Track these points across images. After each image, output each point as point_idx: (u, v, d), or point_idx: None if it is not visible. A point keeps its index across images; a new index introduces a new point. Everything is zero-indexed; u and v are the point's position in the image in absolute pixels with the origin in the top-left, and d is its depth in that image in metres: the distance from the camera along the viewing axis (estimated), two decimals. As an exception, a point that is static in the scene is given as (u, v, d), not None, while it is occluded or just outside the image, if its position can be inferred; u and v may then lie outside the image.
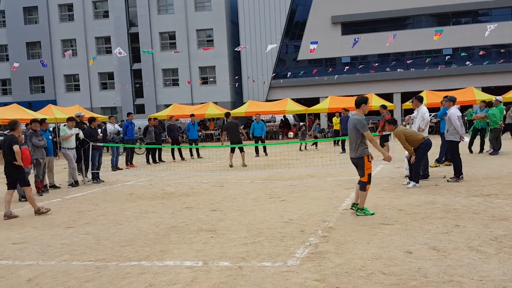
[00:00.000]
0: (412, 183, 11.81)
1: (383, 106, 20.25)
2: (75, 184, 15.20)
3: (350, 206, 9.31)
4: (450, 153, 12.70)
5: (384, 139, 17.86)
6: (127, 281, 5.86)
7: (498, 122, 17.85)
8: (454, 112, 12.40)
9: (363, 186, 8.83)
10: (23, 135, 13.34)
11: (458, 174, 12.29)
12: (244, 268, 6.11)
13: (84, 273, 6.27)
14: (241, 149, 19.49)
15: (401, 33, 46.22)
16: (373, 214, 8.86)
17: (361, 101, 9.09)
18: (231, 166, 19.01)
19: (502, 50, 45.77)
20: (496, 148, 18.39)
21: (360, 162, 8.85)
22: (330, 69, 50.98)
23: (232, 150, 19.40)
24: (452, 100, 12.89)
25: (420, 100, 13.25)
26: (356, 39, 29.58)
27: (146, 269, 6.30)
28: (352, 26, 50.17)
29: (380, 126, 20.55)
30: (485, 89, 42.29)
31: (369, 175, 8.89)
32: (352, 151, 8.97)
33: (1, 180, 13.43)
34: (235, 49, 42.68)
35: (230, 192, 12.57)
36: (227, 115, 21.58)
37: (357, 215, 8.85)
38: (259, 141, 24.21)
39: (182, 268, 6.28)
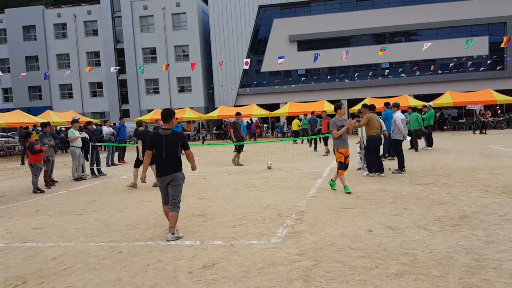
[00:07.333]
0: (366, 171, 12.24)
1: (324, 112, 21.23)
2: (78, 178, 15.04)
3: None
4: (395, 149, 13.03)
5: (325, 141, 19.60)
6: (139, 258, 5.90)
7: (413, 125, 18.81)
8: (398, 115, 12.75)
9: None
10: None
11: (401, 166, 12.63)
12: (236, 246, 6.22)
13: (100, 252, 6.27)
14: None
15: (347, 50, 47.02)
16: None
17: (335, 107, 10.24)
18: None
19: (432, 67, 46.83)
20: (415, 146, 18.96)
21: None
22: (290, 79, 51.65)
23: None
24: (396, 106, 13.23)
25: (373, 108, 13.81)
26: (316, 55, 29.89)
27: (152, 248, 6.35)
28: (306, 44, 50.48)
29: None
30: (417, 96, 43.15)
31: (339, 162, 10.06)
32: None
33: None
34: (219, 67, 42.53)
35: (213, 184, 12.61)
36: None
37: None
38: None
39: (183, 246, 6.34)
